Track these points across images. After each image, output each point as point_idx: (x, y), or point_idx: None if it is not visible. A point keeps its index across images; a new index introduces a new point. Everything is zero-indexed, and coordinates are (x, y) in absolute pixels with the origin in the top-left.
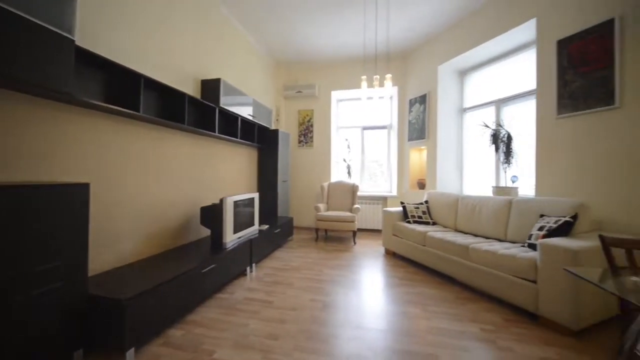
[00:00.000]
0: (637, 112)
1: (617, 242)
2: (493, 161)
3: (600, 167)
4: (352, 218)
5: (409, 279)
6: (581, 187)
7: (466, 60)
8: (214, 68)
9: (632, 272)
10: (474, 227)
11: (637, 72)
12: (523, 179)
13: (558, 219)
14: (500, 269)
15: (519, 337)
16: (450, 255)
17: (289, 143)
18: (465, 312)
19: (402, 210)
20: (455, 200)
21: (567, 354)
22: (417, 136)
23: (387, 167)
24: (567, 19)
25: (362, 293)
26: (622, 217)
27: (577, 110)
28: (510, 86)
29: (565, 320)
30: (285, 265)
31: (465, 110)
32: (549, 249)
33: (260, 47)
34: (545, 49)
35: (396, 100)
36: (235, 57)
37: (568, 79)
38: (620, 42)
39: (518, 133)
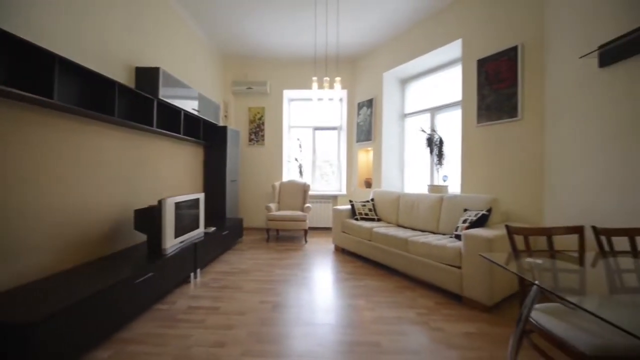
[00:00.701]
0: (532, 123)
1: (517, 231)
2: (428, 162)
3: (507, 168)
4: (303, 217)
5: (356, 273)
6: (494, 185)
7: (407, 69)
8: (152, 56)
9: (528, 254)
10: (413, 222)
11: (532, 91)
12: (452, 178)
13: (477, 212)
14: (433, 258)
15: (447, 318)
16: (392, 248)
17: (239, 141)
18: (404, 300)
19: (350, 208)
20: (397, 198)
21: (484, 326)
22: (364, 138)
23: (338, 167)
24: (485, 42)
25: (312, 290)
26: (521, 209)
27: (491, 121)
28: (443, 96)
29: (482, 298)
30: (233, 269)
31: (406, 116)
32: (470, 239)
33: (206, 38)
34: (469, 66)
35: (346, 102)
36: (178, 45)
37: (485, 94)
38: (522, 65)
39: (448, 138)
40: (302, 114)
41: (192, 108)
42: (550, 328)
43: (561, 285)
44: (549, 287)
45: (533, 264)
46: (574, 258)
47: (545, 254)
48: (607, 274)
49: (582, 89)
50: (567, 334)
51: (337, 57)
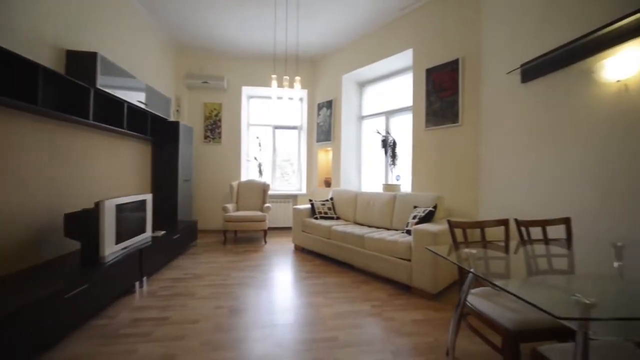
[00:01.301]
0: (470, 129)
1: (457, 225)
2: (383, 162)
3: (450, 168)
4: (262, 217)
5: (315, 271)
6: (440, 183)
7: (365, 74)
8: (88, 38)
9: (466, 245)
10: (369, 219)
11: (470, 100)
12: (405, 178)
13: (425, 209)
14: (387, 253)
15: (399, 307)
16: (350, 245)
17: (193, 138)
18: (360, 294)
19: (310, 207)
20: (355, 197)
21: (430, 312)
22: (324, 138)
23: (298, 166)
24: (433, 53)
25: (271, 291)
26: (462, 205)
27: (437, 125)
28: (397, 100)
29: (428, 287)
30: (186, 275)
31: (363, 118)
32: (418, 233)
33: (157, 25)
34: (419, 74)
35: (306, 102)
36: (122, 30)
37: (432, 100)
38: (463, 76)
39: (401, 140)
40: (262, 112)
41: (138, 100)
42: (482, 309)
43: (491, 271)
44: (481, 273)
45: (469, 254)
46: (501, 247)
47: (479, 244)
48: (526, 260)
49: (508, 101)
50: (495, 313)
51: (297, 57)
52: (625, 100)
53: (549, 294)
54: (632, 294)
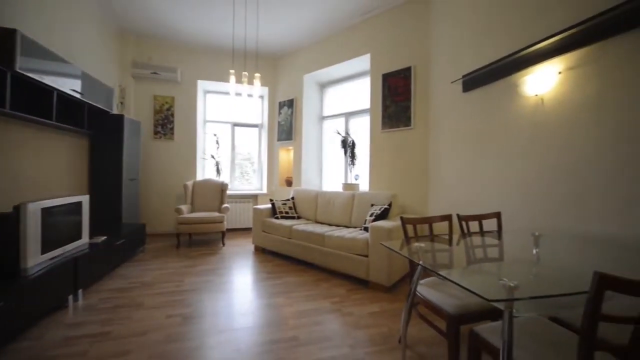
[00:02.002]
0: (421, 132)
1: (408, 221)
2: (343, 162)
3: (404, 168)
4: (220, 218)
5: (275, 272)
6: (395, 182)
7: (326, 75)
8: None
9: (416, 240)
10: (329, 218)
11: (421, 105)
12: (363, 177)
13: (381, 206)
14: (346, 250)
15: (357, 302)
16: (311, 244)
17: (140, 133)
18: (320, 291)
19: (271, 207)
20: (316, 196)
21: (385, 304)
22: (285, 137)
23: (259, 165)
24: (388, 60)
25: (230, 294)
26: (414, 202)
27: (392, 128)
28: (356, 102)
29: (383, 281)
30: (132, 283)
31: (324, 118)
32: (374, 230)
33: (97, 5)
34: (375, 79)
35: (267, 100)
36: (51, 5)
37: (388, 104)
38: (414, 83)
39: (360, 140)
40: (220, 108)
41: (72, 89)
42: (430, 298)
43: (437, 263)
44: (429, 265)
45: (418, 248)
46: (446, 240)
47: (427, 238)
48: (466, 250)
49: (452, 108)
50: (440, 301)
51: (257, 53)
52: (541, 112)
53: (483, 280)
54: (546, 275)
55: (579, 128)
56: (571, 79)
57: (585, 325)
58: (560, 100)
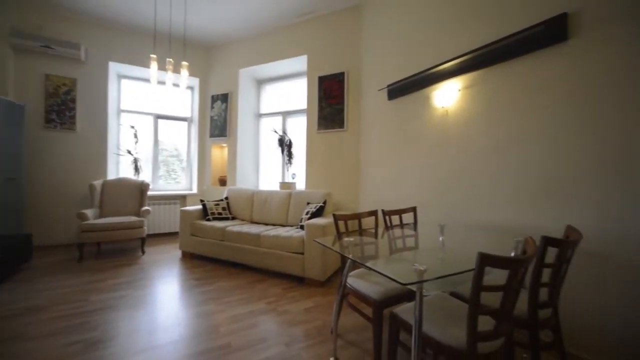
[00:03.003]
0: (353, 133)
1: (340, 217)
2: (280, 161)
3: (338, 168)
4: (139, 223)
5: (206, 277)
6: (329, 181)
7: (263, 71)
8: None
9: (347, 235)
10: (266, 217)
11: (353, 109)
12: (300, 176)
13: (316, 205)
14: (282, 249)
15: (293, 300)
16: (245, 245)
17: (23, 120)
18: (255, 293)
19: (202, 208)
20: (252, 195)
21: (319, 299)
22: (219, 133)
23: (188, 163)
24: (324, 63)
25: (150, 309)
26: (347, 200)
27: (327, 129)
28: (293, 102)
29: (318, 276)
30: (13, 310)
31: (261, 116)
32: (310, 227)
33: None
34: (312, 80)
35: (197, 92)
36: None
37: (323, 106)
38: (347, 88)
39: (297, 140)
40: (140, 97)
41: None
42: (358, 288)
43: (365, 255)
44: (357, 258)
45: (349, 242)
46: (372, 234)
47: (357, 233)
48: (389, 242)
49: (379, 114)
50: (366, 289)
51: (184, 39)
52: (446, 122)
53: (401, 267)
54: (448, 258)
55: (472, 136)
56: (467, 95)
57: (471, 295)
58: (460, 113)
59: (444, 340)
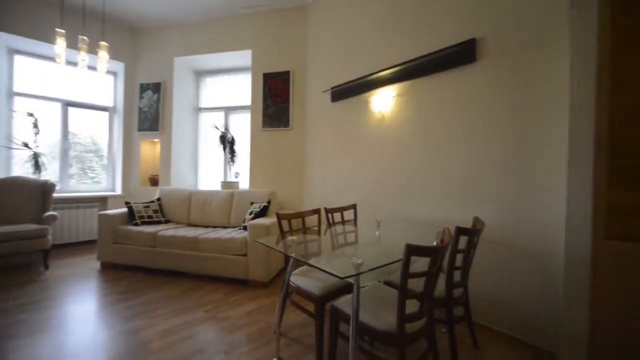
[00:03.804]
0: (298, 133)
1: (283, 217)
2: (222, 159)
3: (283, 166)
4: (39, 232)
5: (133, 290)
6: (274, 180)
7: (203, 62)
8: None
9: (291, 234)
10: (205, 219)
11: (298, 108)
12: (243, 175)
13: (260, 204)
14: (224, 252)
15: (234, 304)
16: (181, 250)
17: None
18: (192, 302)
19: (128, 211)
20: (189, 196)
21: (263, 300)
22: (149, 127)
23: (111, 160)
24: (269, 60)
25: (58, 333)
26: (292, 199)
27: (273, 127)
28: (237, 97)
29: (262, 277)
30: None
31: (201, 110)
32: (253, 228)
33: None
34: (257, 77)
35: (122, 79)
36: None
37: (268, 104)
38: (293, 87)
39: (241, 137)
40: (44, 79)
41: None
42: (300, 285)
43: (309, 252)
44: (299, 256)
45: (292, 241)
46: (315, 231)
47: (301, 231)
48: (331, 238)
49: (323, 114)
50: (309, 286)
51: (103, 15)
52: (383, 126)
53: (341, 261)
54: (383, 251)
55: (405, 139)
56: (400, 102)
57: (400, 282)
58: (394, 118)
59: (378, 326)
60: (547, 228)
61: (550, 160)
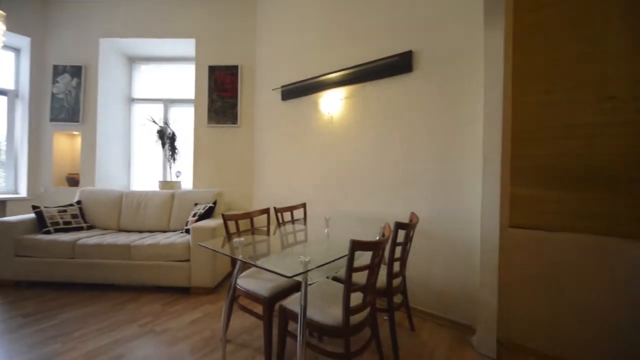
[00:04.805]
0: (247, 130)
1: (230, 217)
2: (161, 157)
3: (231, 165)
4: None
5: (45, 310)
6: (221, 179)
7: (138, 47)
8: None
9: (238, 235)
10: (140, 224)
11: (247, 105)
12: (186, 174)
13: (205, 205)
14: (162, 258)
15: (175, 315)
16: (110, 260)
17: None
18: (123, 316)
19: (36, 217)
20: (119, 197)
21: (208, 307)
22: (66, 117)
23: (10, 155)
24: (216, 52)
25: None
26: (240, 199)
27: (219, 124)
28: (178, 89)
29: (207, 283)
30: None
31: (134, 101)
32: (197, 230)
33: None
34: (201, 68)
35: (28, 57)
36: None
37: (214, 98)
38: (241, 83)
39: (183, 133)
40: None
41: None
42: (248, 288)
43: (257, 253)
44: (247, 257)
45: (239, 242)
46: (265, 231)
47: (249, 232)
48: (281, 238)
49: (273, 113)
50: (257, 288)
51: None
52: (331, 126)
53: (290, 260)
54: (331, 247)
55: (352, 140)
56: (348, 105)
57: (345, 276)
58: (342, 119)
59: (325, 321)
60: (467, 220)
61: (472, 160)
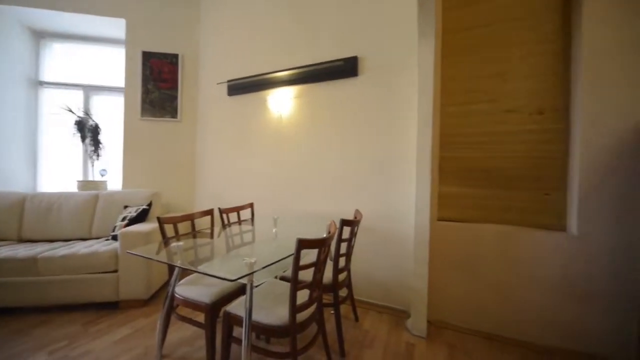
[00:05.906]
0: (189, 125)
1: (167, 220)
2: (81, 152)
3: (169, 163)
4: None
5: None
6: (158, 179)
7: (49, 20)
8: None
9: (177, 239)
10: (50, 232)
11: (189, 98)
12: (114, 172)
13: (138, 207)
14: (82, 271)
15: (98, 334)
16: (7, 277)
17: None
18: (30, 344)
19: None
20: (21, 201)
21: (140, 322)
22: None
23: None
24: (151, 37)
25: None
26: (180, 199)
27: (156, 117)
28: (102, 75)
29: (139, 295)
30: None
31: (43, 84)
32: (127, 236)
33: None
34: (133, 54)
35: None
36: None
37: (150, 88)
38: (182, 73)
39: (109, 126)
40: None
41: None
42: (188, 296)
43: (199, 258)
44: (186, 263)
45: (177, 247)
46: (208, 234)
47: (190, 236)
48: (226, 240)
49: (218, 107)
50: (198, 295)
51: None
52: (280, 125)
53: (235, 263)
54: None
55: (301, 139)
56: (297, 104)
57: (292, 275)
58: (292, 119)
59: (271, 322)
60: (404, 216)
61: (409, 161)
